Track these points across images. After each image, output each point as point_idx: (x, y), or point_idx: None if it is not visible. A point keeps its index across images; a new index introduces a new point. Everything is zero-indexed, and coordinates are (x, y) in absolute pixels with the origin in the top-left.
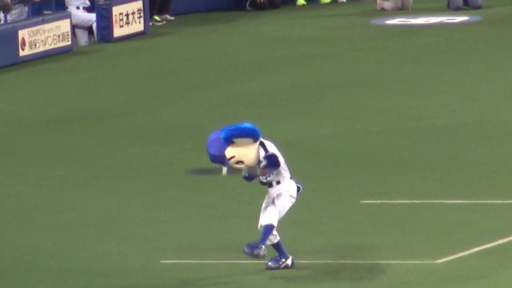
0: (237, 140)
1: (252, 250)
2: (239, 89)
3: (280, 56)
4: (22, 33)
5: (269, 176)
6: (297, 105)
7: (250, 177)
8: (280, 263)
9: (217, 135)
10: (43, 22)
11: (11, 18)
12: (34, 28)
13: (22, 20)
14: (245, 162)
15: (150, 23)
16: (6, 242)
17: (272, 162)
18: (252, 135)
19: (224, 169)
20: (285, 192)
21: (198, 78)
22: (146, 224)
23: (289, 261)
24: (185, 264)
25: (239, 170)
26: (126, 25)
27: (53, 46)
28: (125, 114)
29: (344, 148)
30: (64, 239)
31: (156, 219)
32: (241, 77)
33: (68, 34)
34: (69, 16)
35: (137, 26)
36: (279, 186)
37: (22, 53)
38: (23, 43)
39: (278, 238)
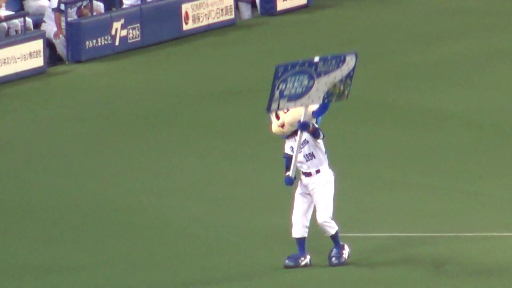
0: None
1: (339, 259)
2: (403, 60)
3: (445, 27)
4: (186, 7)
5: (300, 151)
6: (461, 77)
7: (306, 125)
8: (299, 261)
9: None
10: None
11: None
12: (197, 2)
13: None
14: (284, 120)
15: None
16: (169, 214)
17: (319, 132)
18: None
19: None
20: (324, 184)
21: (361, 50)
22: None
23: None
24: (350, 237)
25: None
26: None
27: (216, 20)
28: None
29: (510, 120)
30: (226, 212)
31: None
32: (404, 48)
33: (231, 8)
34: None
35: None
36: (318, 176)
37: (185, 27)
38: (187, 17)
39: (336, 228)
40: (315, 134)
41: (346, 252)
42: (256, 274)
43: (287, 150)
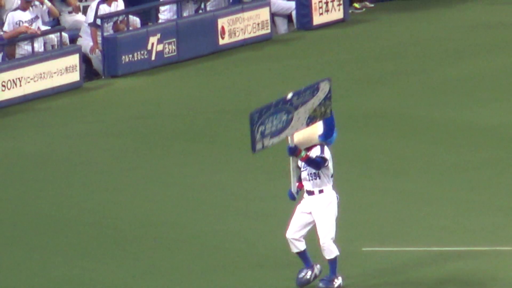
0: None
1: (327, 284)
2: (439, 75)
3: (480, 42)
4: (222, 22)
5: (305, 168)
6: (498, 91)
7: (292, 150)
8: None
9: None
10: (243, 10)
11: (211, 7)
12: (234, 17)
13: (221, 9)
14: (297, 136)
15: (350, 11)
16: (206, 229)
17: (317, 162)
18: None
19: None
20: (327, 205)
21: (397, 65)
22: (348, 212)
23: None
24: (386, 251)
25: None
26: (326, 12)
27: (252, 35)
28: None
29: None
30: (264, 227)
31: (358, 206)
32: (440, 63)
33: (267, 22)
34: (268, 4)
35: (337, 13)
36: (320, 196)
37: (221, 42)
38: (223, 32)
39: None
40: (309, 163)
41: (338, 282)
42: None
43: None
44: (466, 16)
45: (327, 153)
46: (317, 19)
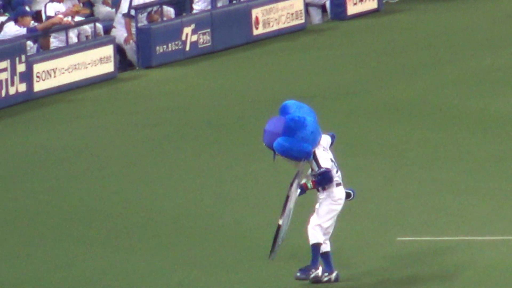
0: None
1: (305, 273)
2: (474, 65)
3: None
4: (256, 12)
5: (322, 190)
6: None
7: (302, 190)
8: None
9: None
10: (276, 0)
11: None
12: (268, 7)
13: None
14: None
15: (384, 1)
16: (240, 219)
17: (325, 178)
18: (298, 159)
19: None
20: (330, 200)
21: (432, 55)
22: (382, 202)
23: (332, 276)
24: (421, 241)
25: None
26: (360, 2)
27: (286, 25)
28: (360, 92)
29: None
30: (298, 218)
31: (392, 197)
32: (475, 53)
33: (301, 12)
34: None
35: (371, 3)
36: (324, 192)
37: (255, 32)
38: (257, 22)
39: (328, 248)
40: (320, 184)
41: (315, 272)
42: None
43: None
44: (501, 6)
45: (323, 160)
46: (351, 9)
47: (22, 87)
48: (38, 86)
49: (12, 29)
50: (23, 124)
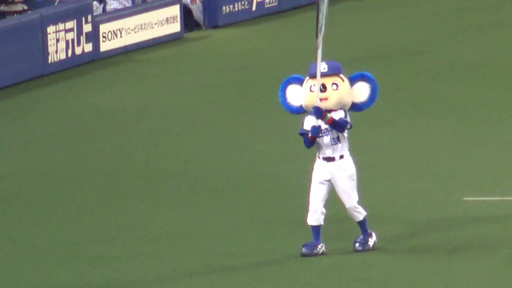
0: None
1: (364, 246)
2: None
3: None
4: None
5: (327, 134)
6: None
7: (319, 112)
8: (317, 249)
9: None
10: None
11: None
12: None
13: None
14: (331, 96)
15: None
16: (304, 180)
17: (343, 125)
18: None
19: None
20: (351, 175)
21: (497, 16)
22: (449, 162)
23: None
24: (487, 201)
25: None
26: None
27: None
28: (426, 52)
29: None
30: (367, 178)
31: (459, 157)
32: None
33: None
34: None
35: None
36: (341, 162)
37: None
38: None
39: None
40: (334, 126)
41: (372, 240)
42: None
43: (306, 126)
44: None
45: (349, 119)
46: None
47: (88, 47)
48: (104, 46)
49: None
50: (89, 83)
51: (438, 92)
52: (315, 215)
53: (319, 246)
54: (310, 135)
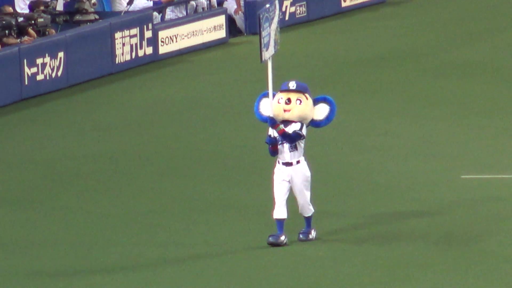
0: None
1: (306, 236)
2: None
3: None
4: None
5: (286, 142)
6: None
7: (272, 121)
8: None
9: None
10: None
11: None
12: None
13: None
14: (293, 109)
15: None
16: (331, 162)
17: (293, 137)
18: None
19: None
20: (306, 177)
21: (495, 22)
22: (448, 145)
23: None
24: (483, 179)
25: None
26: None
27: None
28: (431, 54)
29: None
30: (379, 159)
31: (457, 141)
32: None
33: None
34: None
35: None
36: (297, 166)
37: (344, 4)
38: None
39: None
40: (284, 137)
41: (313, 234)
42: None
43: (271, 133)
44: None
45: (305, 131)
46: None
47: (149, 50)
48: (162, 50)
49: (141, 2)
50: (150, 81)
51: (441, 87)
52: (280, 210)
53: (282, 238)
54: (266, 142)
